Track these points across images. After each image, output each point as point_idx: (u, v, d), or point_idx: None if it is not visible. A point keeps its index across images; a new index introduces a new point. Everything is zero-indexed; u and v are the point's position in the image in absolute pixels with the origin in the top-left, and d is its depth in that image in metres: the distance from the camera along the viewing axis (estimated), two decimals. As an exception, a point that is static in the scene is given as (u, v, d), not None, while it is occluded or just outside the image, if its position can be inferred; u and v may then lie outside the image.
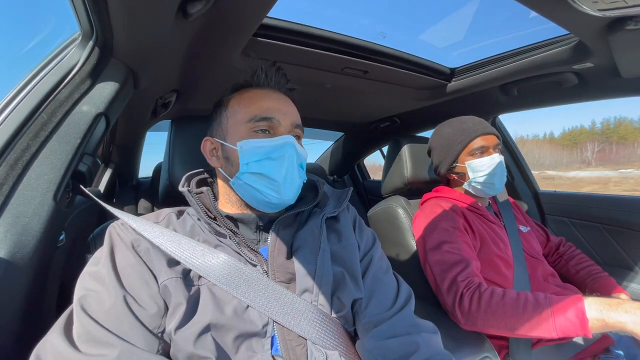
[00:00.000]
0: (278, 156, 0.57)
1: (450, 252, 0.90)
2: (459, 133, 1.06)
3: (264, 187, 0.57)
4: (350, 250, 0.62)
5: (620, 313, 0.66)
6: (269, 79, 0.65)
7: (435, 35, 1.50)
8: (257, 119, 0.59)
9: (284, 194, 0.57)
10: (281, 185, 0.57)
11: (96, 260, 0.51)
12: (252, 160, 0.57)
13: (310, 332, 0.51)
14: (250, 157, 0.57)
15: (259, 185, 0.57)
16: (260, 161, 0.57)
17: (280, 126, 0.60)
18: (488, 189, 1.04)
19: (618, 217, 1.31)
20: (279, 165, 0.57)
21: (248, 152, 0.57)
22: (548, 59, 1.01)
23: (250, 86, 0.65)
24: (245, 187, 0.58)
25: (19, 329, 0.53)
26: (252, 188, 0.57)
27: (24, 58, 32.11)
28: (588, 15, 0.68)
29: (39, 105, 0.58)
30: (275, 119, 0.59)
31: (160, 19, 0.60)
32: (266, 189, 0.57)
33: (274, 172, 0.57)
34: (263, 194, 0.57)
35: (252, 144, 0.58)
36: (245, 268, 0.53)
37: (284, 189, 0.57)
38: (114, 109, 0.71)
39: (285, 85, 0.67)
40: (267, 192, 0.57)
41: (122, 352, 0.42)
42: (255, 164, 0.57)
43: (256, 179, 0.57)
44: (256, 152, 0.57)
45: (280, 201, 0.58)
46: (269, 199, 0.57)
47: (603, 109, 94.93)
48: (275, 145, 0.58)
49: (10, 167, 0.53)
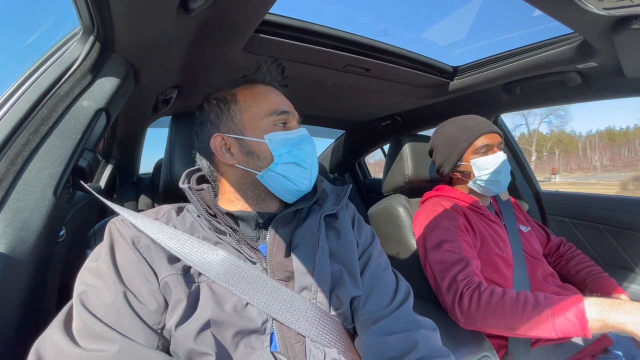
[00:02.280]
0: (304, 146, 0.62)
1: (451, 251, 0.90)
2: (463, 131, 1.05)
3: (296, 175, 0.60)
4: (348, 248, 0.62)
5: (620, 314, 0.66)
6: (271, 75, 0.67)
7: (438, 33, 1.49)
8: (278, 112, 0.61)
9: (311, 181, 0.62)
10: (310, 172, 0.62)
11: (96, 256, 0.51)
12: (284, 151, 0.60)
13: (309, 330, 0.51)
14: (282, 148, 0.60)
15: (292, 175, 0.60)
16: (291, 151, 0.60)
17: (294, 120, 0.64)
18: (493, 186, 1.04)
19: (619, 218, 1.31)
20: (306, 155, 0.62)
21: (279, 144, 0.60)
22: (552, 58, 1.00)
23: (255, 82, 0.66)
24: (276, 178, 0.60)
25: (19, 323, 0.53)
26: (285, 178, 0.60)
27: (24, 53, 31.97)
28: (593, 14, 0.68)
29: (40, 100, 0.58)
30: (290, 113, 0.63)
31: (162, 14, 0.60)
32: (299, 177, 0.60)
33: (305, 161, 0.61)
34: (295, 182, 0.60)
35: (280, 136, 0.60)
36: (244, 265, 0.53)
37: (311, 175, 0.62)
38: (115, 104, 0.70)
39: (281, 82, 0.69)
40: (299, 180, 0.60)
41: (122, 347, 0.42)
42: (287, 154, 0.60)
43: (290, 168, 0.60)
44: (285, 144, 0.60)
45: (308, 187, 0.63)
46: (299, 186, 0.61)
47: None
48: (300, 137, 0.62)
49: (10, 162, 0.53)
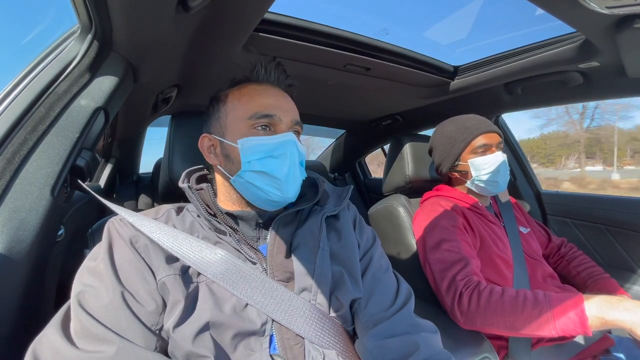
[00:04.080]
0: (280, 154, 0.56)
1: (450, 251, 0.90)
2: (461, 131, 1.04)
3: (266, 185, 0.56)
4: (349, 249, 0.62)
5: (620, 311, 0.66)
6: (268, 74, 0.64)
7: (439, 33, 1.49)
8: (258, 115, 0.58)
9: (286, 192, 0.56)
10: (284, 183, 0.56)
11: (94, 256, 0.51)
12: (254, 158, 0.56)
13: (308, 331, 0.51)
14: (252, 155, 0.56)
15: (261, 184, 0.56)
16: (263, 159, 0.56)
17: (281, 123, 0.59)
18: (491, 187, 1.03)
19: (621, 219, 1.30)
20: (281, 163, 0.56)
21: (249, 150, 0.56)
22: (553, 58, 1.00)
23: (249, 81, 0.64)
24: (246, 186, 0.57)
25: (16, 324, 0.53)
26: (254, 186, 0.56)
27: (22, 51, 31.76)
28: (596, 13, 0.67)
29: (37, 99, 0.58)
30: (276, 116, 0.58)
31: (161, 12, 0.60)
32: (269, 187, 0.56)
33: (277, 170, 0.56)
34: (265, 192, 0.56)
35: (254, 141, 0.56)
36: (244, 266, 0.53)
37: (286, 186, 0.56)
38: (113, 103, 0.70)
39: (284, 81, 0.65)
40: (269, 190, 0.56)
41: (119, 348, 0.41)
42: (258, 162, 0.56)
43: (258, 177, 0.56)
44: (258, 150, 0.56)
45: (283, 199, 0.57)
46: (271, 197, 0.56)
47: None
48: (277, 143, 0.57)
49: (7, 161, 0.53)
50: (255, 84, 0.63)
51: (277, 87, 0.64)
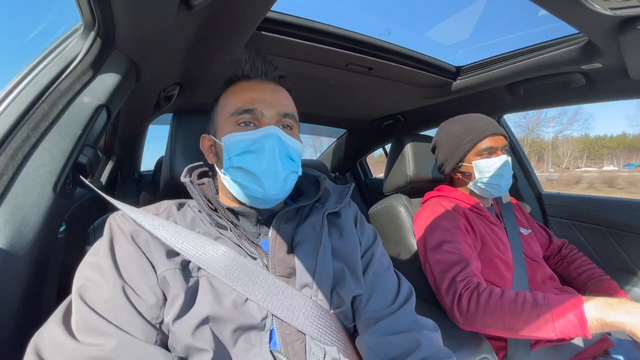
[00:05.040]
0: (257, 148, 0.55)
1: (450, 252, 0.90)
2: (467, 132, 1.03)
3: (246, 181, 0.55)
4: (351, 246, 0.62)
5: (620, 313, 0.66)
6: (255, 69, 0.62)
7: (441, 33, 1.48)
8: (239, 111, 0.57)
9: (267, 188, 0.55)
10: (262, 178, 0.54)
11: (96, 251, 0.51)
12: (234, 154, 0.56)
13: (309, 327, 0.51)
14: (232, 151, 0.56)
15: (242, 180, 0.55)
16: (241, 155, 0.55)
17: (264, 117, 0.57)
18: (493, 190, 1.03)
19: (622, 221, 1.30)
20: (258, 158, 0.55)
21: (231, 147, 0.56)
22: (556, 59, 0.99)
23: (238, 79, 0.64)
24: (231, 183, 0.57)
25: (18, 318, 0.53)
26: (236, 183, 0.56)
27: (25, 48, 31.84)
28: (599, 14, 0.67)
29: (40, 96, 0.58)
30: (257, 110, 0.57)
31: (163, 10, 0.60)
32: (249, 184, 0.55)
33: (254, 166, 0.55)
34: (247, 188, 0.56)
35: (234, 137, 0.56)
36: (245, 261, 0.53)
37: (265, 182, 0.54)
38: (116, 101, 0.70)
39: (272, 73, 0.64)
40: (250, 187, 0.55)
41: (120, 342, 0.42)
42: (237, 157, 0.55)
43: (238, 174, 0.56)
44: (238, 146, 0.55)
45: (265, 195, 0.55)
46: (253, 193, 0.55)
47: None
48: (256, 138, 0.55)
49: (10, 157, 0.53)
50: (244, 80, 0.63)
51: (266, 80, 0.63)
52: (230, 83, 0.64)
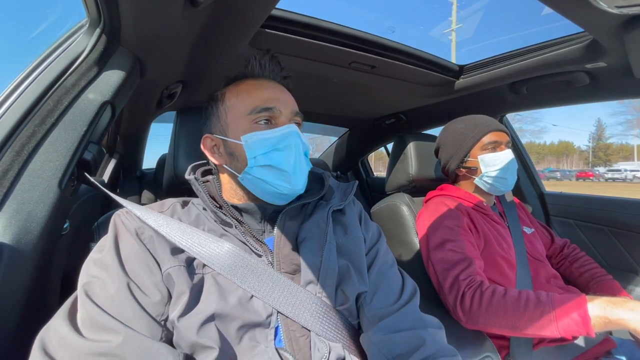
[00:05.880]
0: (285, 146, 0.57)
1: (453, 251, 0.90)
2: (471, 128, 1.05)
3: (274, 179, 0.56)
4: (356, 243, 0.62)
5: (624, 310, 0.66)
6: (263, 68, 0.64)
7: (444, 32, 1.48)
8: (258, 110, 0.58)
9: (295, 184, 0.57)
10: (291, 175, 0.56)
11: (100, 248, 0.51)
12: (260, 153, 0.56)
13: (314, 324, 0.51)
14: (257, 150, 0.56)
15: (269, 178, 0.56)
16: (268, 153, 0.56)
17: (282, 115, 0.59)
18: (500, 184, 1.03)
19: (624, 220, 1.30)
20: (287, 156, 0.57)
21: (254, 146, 0.56)
22: (560, 58, 0.99)
23: (245, 77, 0.64)
24: (254, 181, 0.58)
25: (23, 314, 0.53)
26: (262, 181, 0.57)
27: (30, 45, 31.82)
28: (604, 13, 0.67)
29: (45, 92, 0.58)
30: (276, 108, 0.58)
31: (169, 7, 0.60)
32: (277, 181, 0.56)
33: (284, 163, 0.56)
34: (274, 185, 0.56)
35: (257, 136, 0.57)
36: (250, 258, 0.53)
37: (294, 178, 0.57)
38: (120, 97, 0.70)
39: (279, 73, 0.65)
40: (278, 184, 0.56)
41: (125, 338, 0.42)
42: (263, 156, 0.56)
43: (266, 172, 0.56)
44: (263, 145, 0.56)
45: (292, 191, 0.58)
46: (280, 190, 0.57)
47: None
48: (281, 135, 0.57)
49: (15, 153, 0.53)
50: (252, 79, 0.63)
51: (273, 80, 0.64)
52: (234, 81, 0.64)
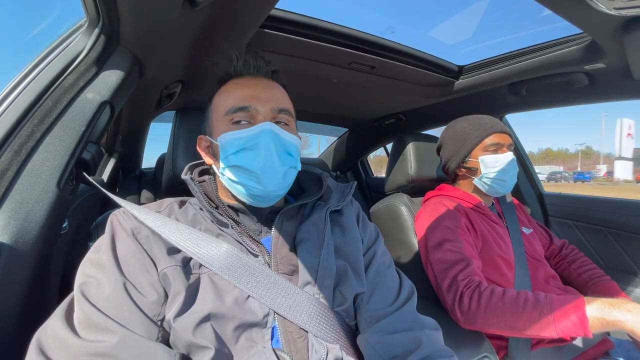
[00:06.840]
0: (253, 145, 0.54)
1: (452, 251, 0.90)
2: (475, 128, 1.05)
3: (245, 179, 0.55)
4: (353, 244, 0.62)
5: (621, 311, 0.66)
6: (247, 65, 0.62)
7: (444, 32, 1.48)
8: (233, 110, 0.57)
9: (266, 185, 0.54)
10: (261, 175, 0.54)
11: (97, 248, 0.51)
12: (230, 153, 0.55)
13: (312, 325, 0.51)
14: (229, 150, 0.55)
15: (240, 179, 0.55)
16: (237, 153, 0.55)
17: (259, 114, 0.57)
18: (499, 186, 1.03)
19: (623, 221, 1.30)
20: (255, 155, 0.54)
21: (227, 146, 0.55)
22: (559, 59, 0.99)
23: (231, 77, 0.63)
24: (229, 182, 0.57)
25: (21, 314, 0.53)
26: (235, 182, 0.56)
27: (29, 44, 31.86)
28: (603, 14, 0.67)
29: (44, 92, 0.58)
30: (251, 107, 0.56)
31: (168, 7, 0.60)
32: (248, 182, 0.55)
33: (251, 163, 0.54)
34: (245, 187, 0.55)
35: (229, 136, 0.55)
36: (247, 258, 0.53)
37: (264, 178, 0.54)
38: (119, 97, 0.70)
39: (264, 68, 0.63)
40: (249, 185, 0.55)
41: (121, 338, 0.42)
42: (233, 156, 0.55)
43: (236, 172, 0.55)
44: (233, 145, 0.55)
45: (264, 192, 0.55)
46: (252, 191, 0.55)
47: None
48: (251, 135, 0.55)
49: (14, 152, 0.53)
50: (236, 78, 0.62)
51: (259, 76, 0.62)
52: (223, 82, 0.64)
